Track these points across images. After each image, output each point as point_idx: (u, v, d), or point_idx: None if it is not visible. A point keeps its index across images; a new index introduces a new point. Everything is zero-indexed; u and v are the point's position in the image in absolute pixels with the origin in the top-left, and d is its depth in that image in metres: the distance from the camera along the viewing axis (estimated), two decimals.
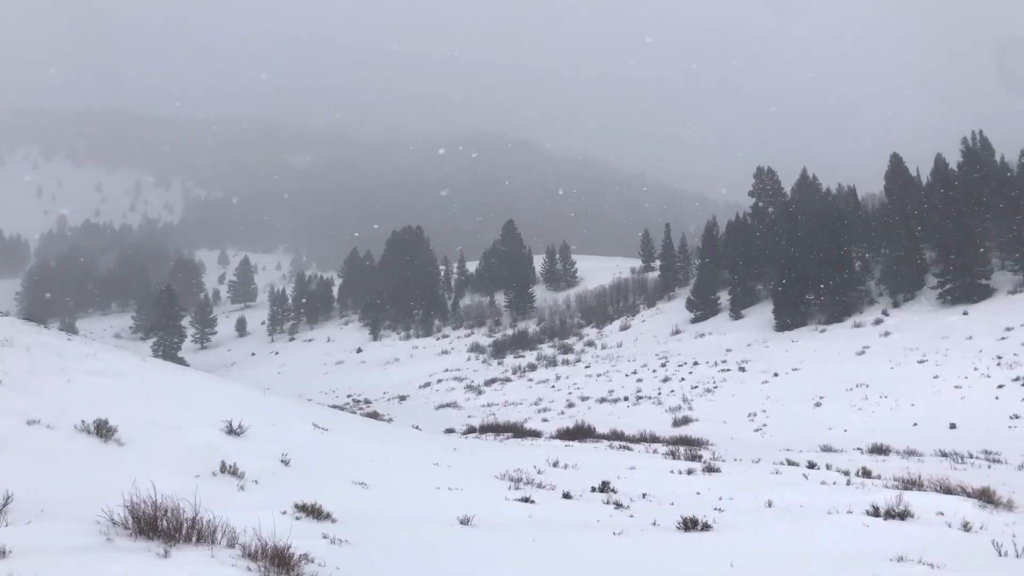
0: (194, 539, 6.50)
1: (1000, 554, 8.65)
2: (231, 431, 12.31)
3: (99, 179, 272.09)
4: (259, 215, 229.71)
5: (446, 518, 9.78)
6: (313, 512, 8.68)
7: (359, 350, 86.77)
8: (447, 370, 69.39)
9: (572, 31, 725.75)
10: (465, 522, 9.60)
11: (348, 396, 60.14)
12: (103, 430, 10.20)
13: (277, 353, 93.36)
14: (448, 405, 52.14)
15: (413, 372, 70.36)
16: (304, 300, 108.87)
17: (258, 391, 19.20)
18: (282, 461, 11.51)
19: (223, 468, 10.08)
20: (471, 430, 31.95)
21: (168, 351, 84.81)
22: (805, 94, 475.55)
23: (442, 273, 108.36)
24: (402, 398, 58.36)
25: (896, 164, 68.53)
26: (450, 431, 32.11)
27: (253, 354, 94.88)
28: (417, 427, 28.63)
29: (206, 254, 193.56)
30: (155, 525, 6.51)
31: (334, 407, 34.67)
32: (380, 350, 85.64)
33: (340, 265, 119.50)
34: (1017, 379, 34.40)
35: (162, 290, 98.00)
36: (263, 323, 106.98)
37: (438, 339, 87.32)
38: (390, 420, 35.44)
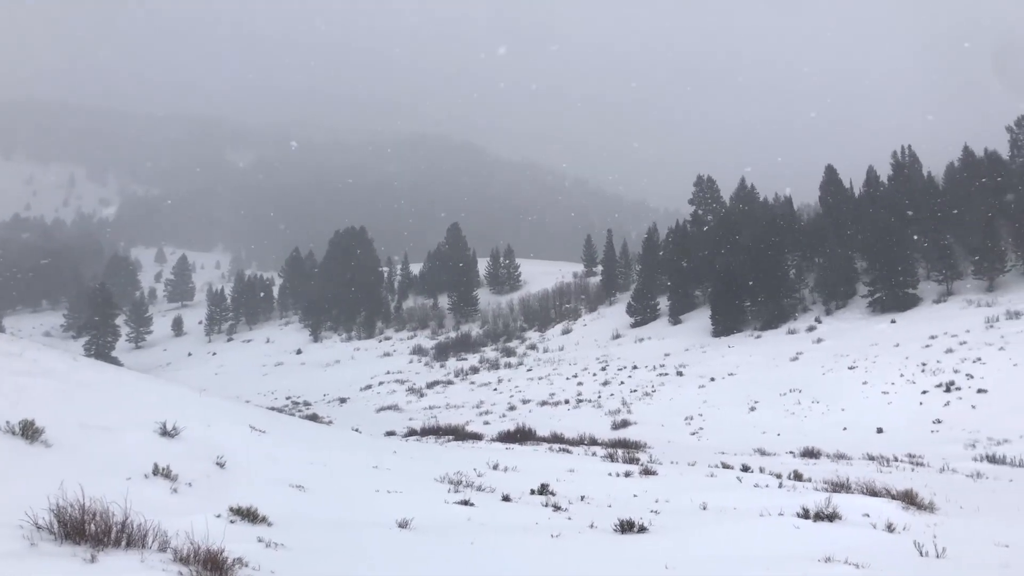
0: (123, 544, 6.35)
1: (921, 554, 8.98)
2: (165, 433, 12.03)
3: (29, 172, 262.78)
4: (198, 213, 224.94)
5: (384, 521, 9.74)
6: (248, 515, 8.56)
7: (299, 351, 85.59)
8: (389, 372, 68.94)
9: (518, 37, 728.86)
10: (403, 525, 9.57)
11: (287, 398, 59.34)
12: (29, 431, 9.87)
13: (215, 354, 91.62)
14: (389, 408, 51.79)
15: (354, 374, 69.73)
16: (243, 300, 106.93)
17: (194, 392, 18.80)
18: (217, 464, 11.30)
19: (156, 471, 9.85)
20: (412, 433, 31.77)
21: (101, 350, 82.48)
22: (749, 104, 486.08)
23: (385, 275, 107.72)
24: (343, 400, 57.79)
25: (830, 175, 70.60)
26: (391, 434, 31.87)
27: (190, 354, 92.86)
28: (357, 430, 28.36)
29: (143, 252, 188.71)
30: (82, 529, 6.33)
31: (272, 409, 34.12)
32: (321, 352, 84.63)
33: (281, 265, 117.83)
34: (939, 385, 35.73)
35: (96, 287, 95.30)
36: (200, 323, 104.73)
37: (380, 341, 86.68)
38: (330, 422, 35.03)
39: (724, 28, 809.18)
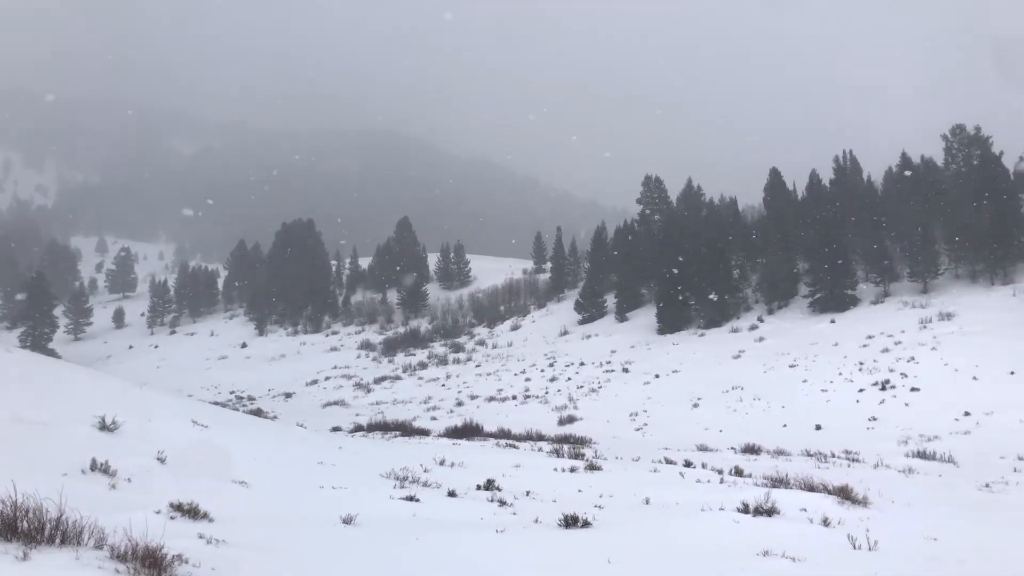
0: (58, 541, 6.21)
1: (855, 547, 9.29)
2: (104, 427, 11.78)
3: None
4: (142, 202, 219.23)
5: (329, 517, 9.69)
6: (189, 511, 8.45)
7: (244, 345, 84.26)
8: (336, 367, 68.30)
9: (470, 34, 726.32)
10: (348, 521, 9.54)
11: (231, 392, 58.44)
12: None
13: (157, 346, 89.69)
14: (336, 403, 51.37)
15: (300, 369, 68.94)
16: (187, 292, 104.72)
17: (135, 386, 18.40)
18: (158, 459, 11.11)
19: (94, 466, 9.64)
20: (358, 428, 31.59)
21: (38, 342, 79.98)
22: (692, 104, 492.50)
23: (334, 268, 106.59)
24: (288, 395, 57.14)
25: (775, 178, 72.08)
26: (337, 429, 31.64)
27: (131, 347, 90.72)
28: (302, 425, 28.10)
29: (83, 241, 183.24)
30: (14, 526, 6.17)
31: (216, 404, 33.59)
32: (266, 346, 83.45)
33: (226, 257, 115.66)
34: (876, 384, 36.80)
35: (33, 276, 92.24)
36: (143, 315, 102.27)
37: (327, 336, 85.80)
38: (275, 417, 34.60)
39: (679, 28, 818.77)
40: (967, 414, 30.48)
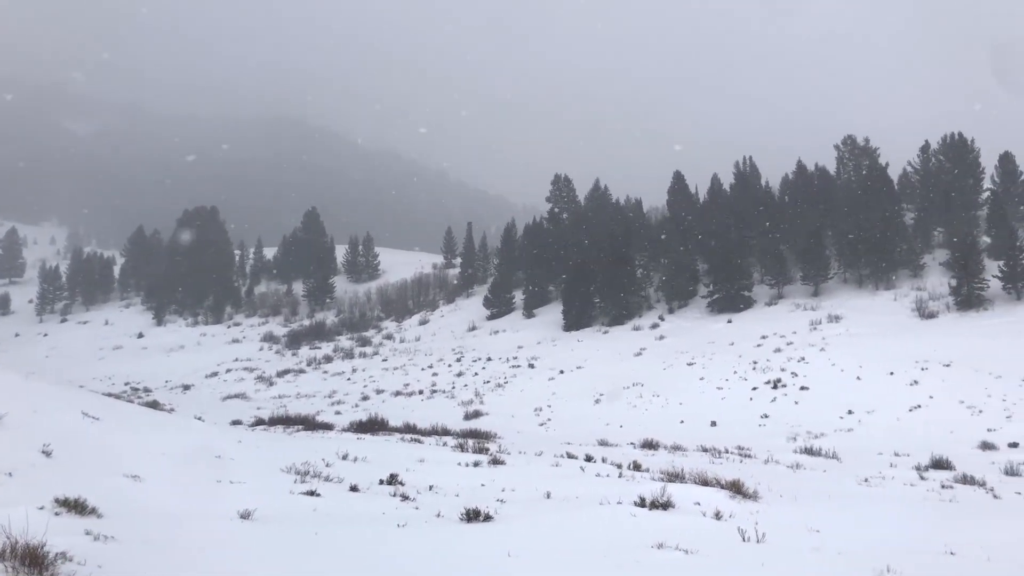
0: None
1: (744, 540, 9.69)
2: None
3: None
4: (32, 183, 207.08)
5: (225, 512, 9.49)
6: (76, 507, 8.14)
7: (141, 335, 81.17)
8: (237, 360, 66.53)
9: (380, 23, 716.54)
10: (245, 516, 9.37)
11: (126, 384, 56.29)
12: None
13: (46, 335, 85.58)
14: (236, 396, 50.11)
15: (200, 360, 66.86)
16: (80, 278, 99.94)
17: (20, 376, 17.47)
18: (43, 452, 10.63)
19: None
20: (259, 422, 30.88)
21: None
22: (608, 107, 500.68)
23: (237, 258, 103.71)
24: (186, 387, 55.43)
25: (678, 181, 74.20)
26: (237, 423, 30.84)
27: (17, 335, 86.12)
28: (201, 418, 27.26)
29: None
30: None
31: (109, 395, 32.18)
32: (164, 336, 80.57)
33: (124, 243, 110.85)
34: (768, 382, 38.40)
35: None
36: (31, 301, 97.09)
37: (229, 327, 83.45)
38: (172, 410, 33.48)
39: (594, 28, 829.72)
40: (851, 412, 32.16)
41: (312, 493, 11.68)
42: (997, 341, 40.37)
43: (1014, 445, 25.82)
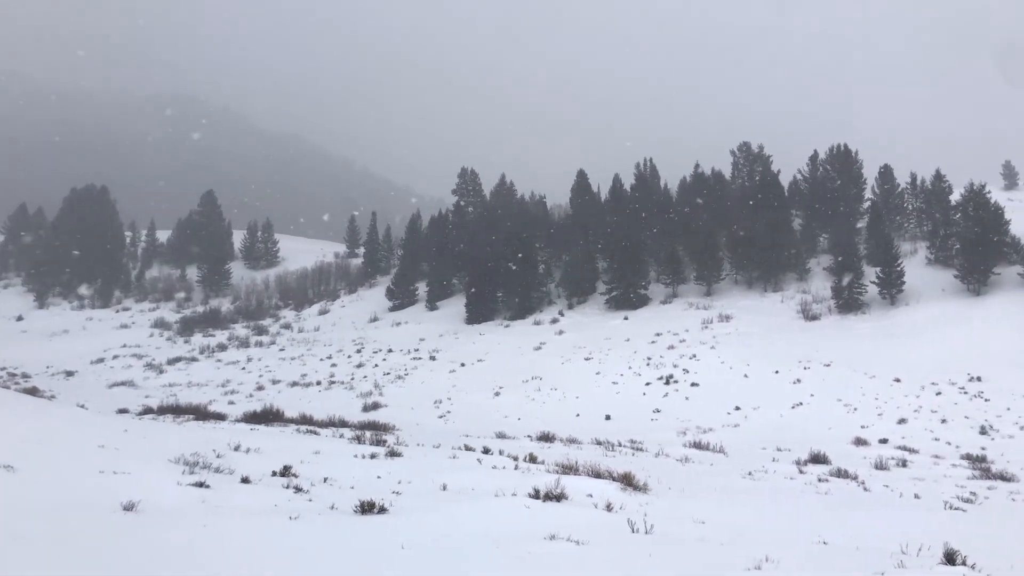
0: None
1: (633, 531, 10.02)
2: None
3: None
4: None
5: (108, 504, 9.15)
6: None
7: (20, 318, 76.72)
8: (126, 346, 63.76)
9: (288, 6, 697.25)
10: (129, 508, 9.06)
11: (2, 369, 53.12)
12: None
13: None
14: (124, 383, 48.09)
15: (85, 346, 63.69)
16: None
17: None
18: None
19: None
20: (148, 411, 29.74)
21: None
22: (513, 94, 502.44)
23: (128, 240, 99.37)
24: (70, 374, 52.78)
25: (581, 179, 75.47)
26: (124, 411, 29.63)
27: None
28: (83, 406, 26.07)
29: None
30: None
31: None
32: (47, 319, 76.34)
33: (3, 221, 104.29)
34: (660, 378, 39.63)
35: None
36: None
37: (118, 311, 79.86)
38: (52, 397, 31.87)
39: (505, 18, 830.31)
40: (738, 408, 33.57)
41: (201, 484, 11.37)
42: (872, 343, 42.92)
43: (884, 441, 27.60)
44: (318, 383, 46.03)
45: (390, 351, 54.43)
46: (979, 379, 35.91)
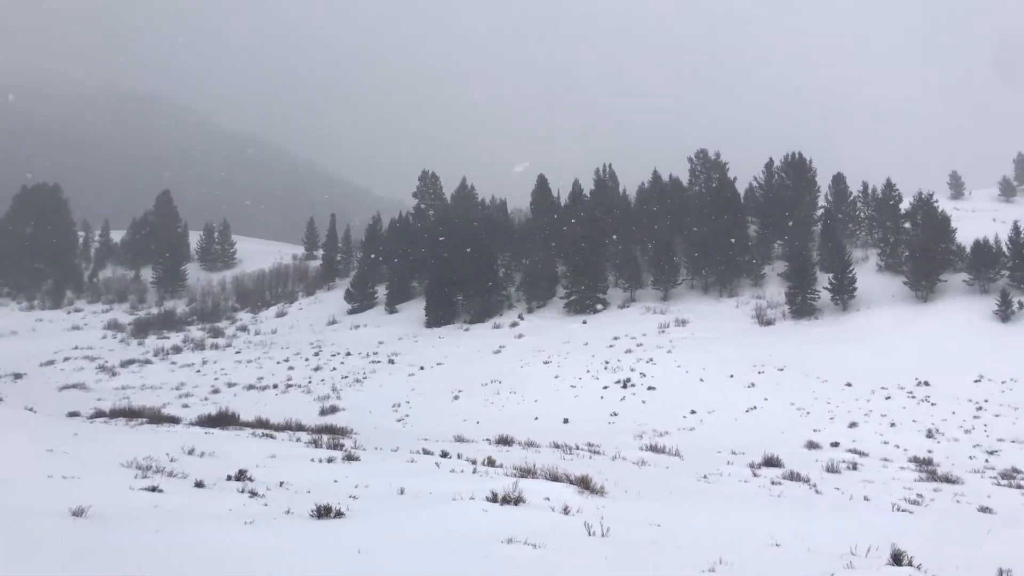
0: None
1: (589, 534, 10.12)
2: None
3: None
4: None
5: (56, 509, 8.97)
6: None
7: None
8: (77, 348, 62.42)
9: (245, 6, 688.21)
10: (78, 513, 8.90)
11: None
12: None
13: None
14: (75, 386, 47.11)
15: (35, 347, 62.17)
16: None
17: None
18: None
19: None
20: (100, 414, 29.11)
21: None
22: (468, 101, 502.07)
23: (81, 240, 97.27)
24: (18, 376, 51.52)
25: (541, 184, 75.83)
26: (75, 415, 29.01)
27: None
28: (32, 409, 25.42)
29: None
30: None
31: None
32: None
33: None
34: (618, 382, 39.97)
35: None
36: None
37: (69, 312, 78.19)
38: None
39: (470, 20, 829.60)
40: (693, 412, 34.00)
41: (154, 489, 11.20)
42: (825, 348, 43.81)
43: (835, 444, 28.17)
44: (275, 386, 45.54)
45: (348, 354, 54.05)
46: (927, 383, 36.87)
